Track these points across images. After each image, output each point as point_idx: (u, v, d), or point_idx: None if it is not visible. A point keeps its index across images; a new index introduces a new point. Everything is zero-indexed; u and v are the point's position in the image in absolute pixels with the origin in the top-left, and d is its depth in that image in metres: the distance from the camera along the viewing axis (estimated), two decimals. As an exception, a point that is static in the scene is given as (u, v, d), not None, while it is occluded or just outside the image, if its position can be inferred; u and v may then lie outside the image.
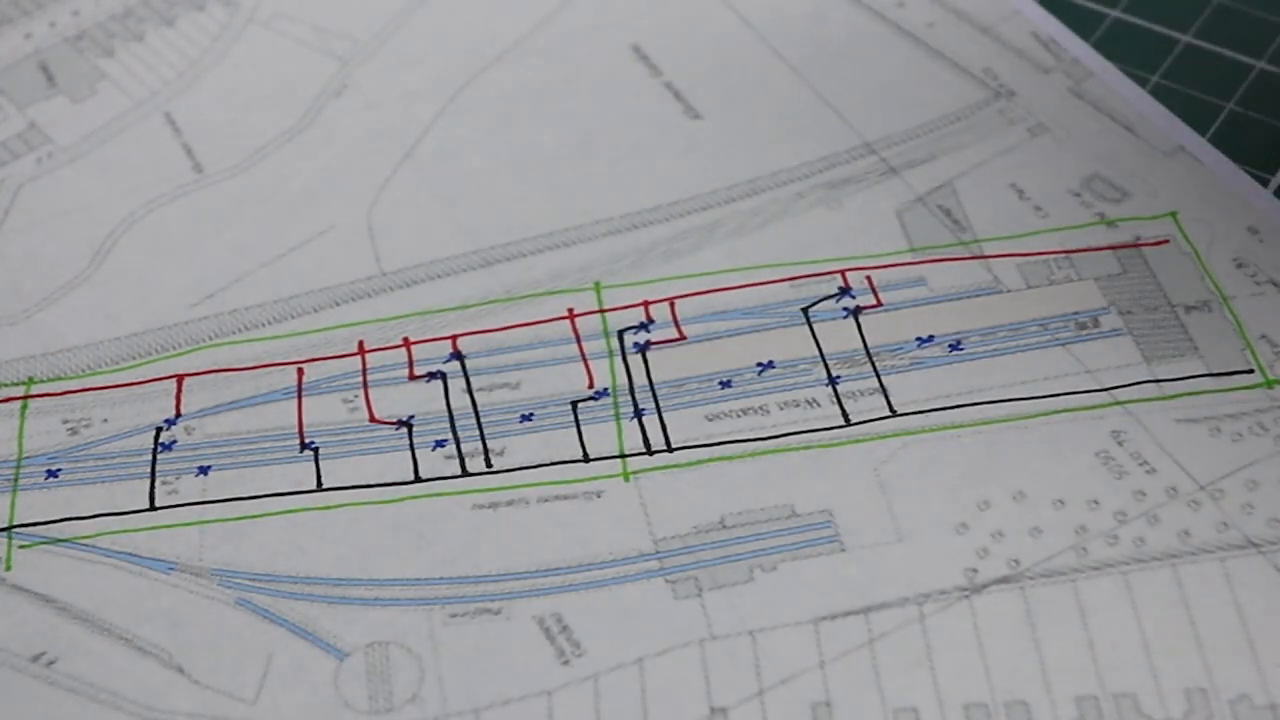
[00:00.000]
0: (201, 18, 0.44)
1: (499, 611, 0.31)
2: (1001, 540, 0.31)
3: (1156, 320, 0.35)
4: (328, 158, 0.40)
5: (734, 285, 0.36)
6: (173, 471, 0.34)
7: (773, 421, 0.34)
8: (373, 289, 0.37)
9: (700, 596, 0.31)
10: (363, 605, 0.31)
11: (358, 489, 0.33)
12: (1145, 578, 0.31)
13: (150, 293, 0.37)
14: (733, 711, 0.29)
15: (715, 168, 0.39)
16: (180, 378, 0.35)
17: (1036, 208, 0.37)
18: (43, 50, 0.43)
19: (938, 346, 0.35)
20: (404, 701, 0.30)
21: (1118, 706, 0.29)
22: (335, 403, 0.35)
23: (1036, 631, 0.30)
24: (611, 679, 0.30)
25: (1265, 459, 0.32)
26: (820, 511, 0.32)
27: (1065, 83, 0.40)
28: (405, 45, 0.42)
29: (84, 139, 0.41)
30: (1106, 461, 0.32)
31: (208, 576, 0.32)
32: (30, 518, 0.33)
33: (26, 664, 0.31)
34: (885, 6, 0.42)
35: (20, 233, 0.39)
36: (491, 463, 0.33)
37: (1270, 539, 0.31)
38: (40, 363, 0.36)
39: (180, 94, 0.42)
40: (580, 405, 0.34)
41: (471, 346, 0.35)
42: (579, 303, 0.36)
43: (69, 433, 0.34)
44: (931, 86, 0.40)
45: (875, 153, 0.39)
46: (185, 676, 0.30)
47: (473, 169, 0.39)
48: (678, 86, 0.41)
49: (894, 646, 0.30)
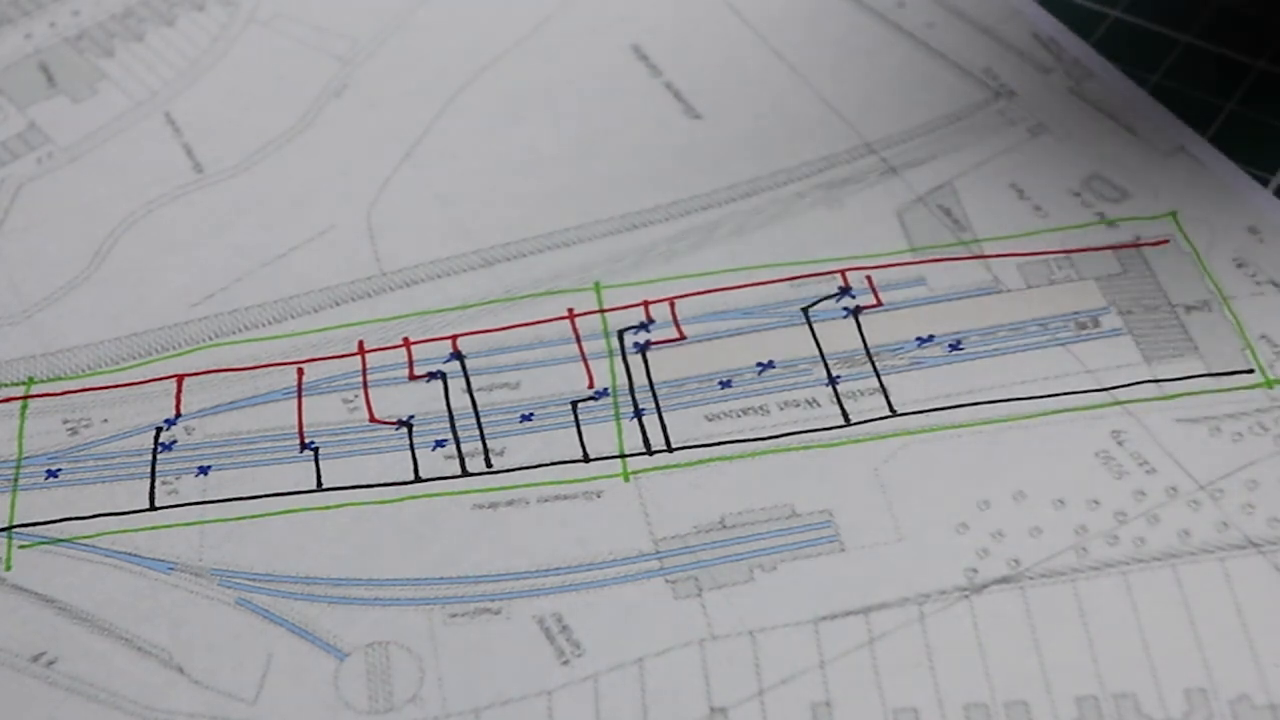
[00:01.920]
0: (201, 18, 0.44)
1: (499, 611, 0.31)
2: (1001, 540, 0.31)
3: (1156, 320, 0.35)
4: (328, 158, 0.40)
5: (734, 285, 0.36)
6: (173, 471, 0.34)
7: (773, 421, 0.34)
8: (373, 289, 0.37)
9: (700, 596, 0.31)
10: (363, 605, 0.31)
11: (358, 489, 0.33)
12: (1145, 578, 0.31)
13: (150, 293, 0.37)
14: (733, 711, 0.29)
15: (715, 168, 0.39)
16: (180, 378, 0.35)
17: (1036, 208, 0.37)
18: (43, 50, 0.43)
19: (938, 346, 0.35)
20: (404, 701, 0.30)
21: (1118, 706, 0.29)
22: (335, 403, 0.35)
23: (1036, 631, 0.30)
24: (611, 679, 0.30)
25: (1265, 459, 0.32)
26: (820, 511, 0.32)
27: (1065, 83, 0.40)
28: (405, 45, 0.42)
29: (84, 139, 0.41)
30: (1106, 461, 0.32)
31: (208, 576, 0.32)
32: (30, 518, 0.33)
33: (26, 664, 0.31)
34: (885, 6, 0.42)
35: (20, 233, 0.39)
36: (491, 463, 0.33)
37: (1270, 539, 0.31)
38: (40, 363, 0.36)
39: (180, 94, 0.42)
40: (580, 405, 0.34)
41: (471, 346, 0.35)
42: (579, 303, 0.36)
43: (69, 433, 0.34)
44: (931, 86, 0.40)
45: (875, 153, 0.39)
46: (185, 676, 0.30)
47: (473, 169, 0.39)
48: (678, 86, 0.41)
49: (894, 646, 0.30)
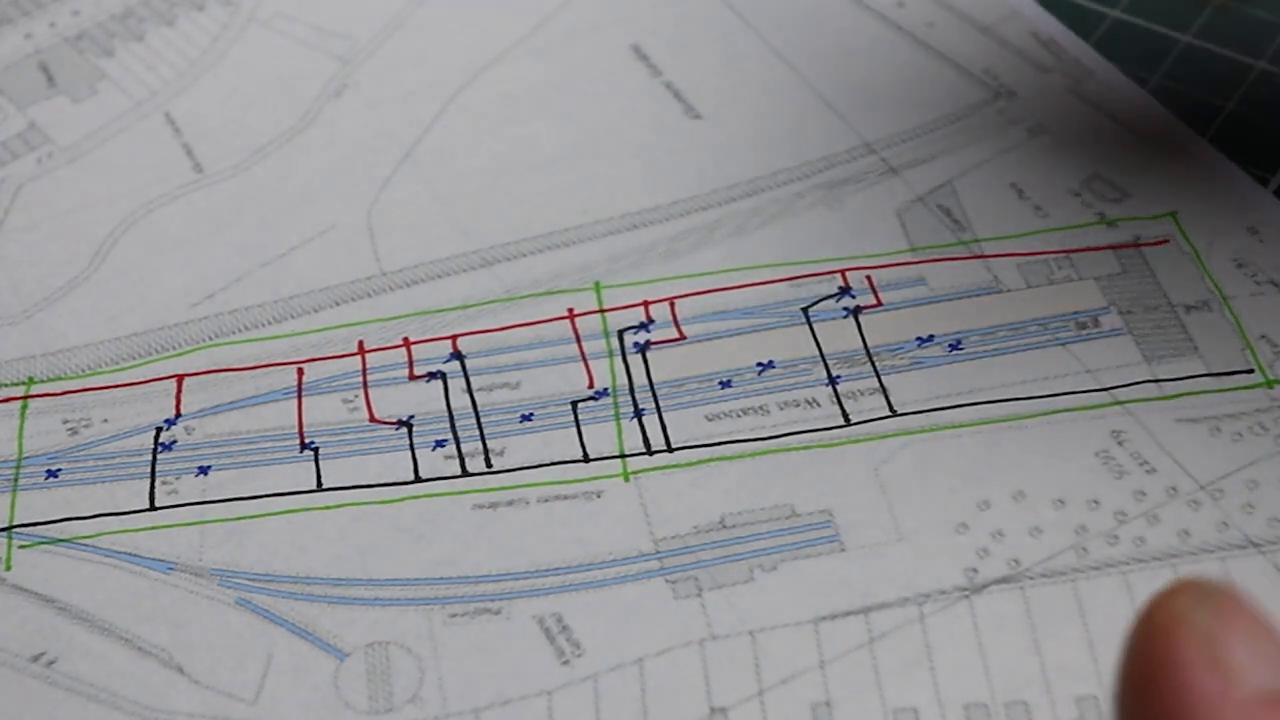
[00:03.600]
0: (201, 18, 0.44)
1: (499, 611, 0.31)
2: (1001, 540, 0.31)
3: (1156, 320, 0.35)
4: (328, 158, 0.40)
5: (734, 285, 0.36)
6: (173, 471, 0.34)
7: (773, 421, 0.34)
8: (373, 289, 0.37)
9: (700, 596, 0.31)
10: (363, 605, 0.31)
11: (358, 489, 0.33)
12: (1145, 578, 0.31)
13: (150, 293, 0.37)
14: (733, 711, 0.29)
15: (715, 168, 0.39)
16: (180, 378, 0.35)
17: (1036, 207, 0.37)
18: (43, 50, 0.43)
19: (938, 346, 0.35)
20: (404, 701, 0.30)
21: (1118, 706, 0.29)
22: (335, 403, 0.35)
23: (1036, 631, 0.30)
24: (611, 679, 0.30)
25: (1265, 459, 0.32)
26: (820, 511, 0.32)
27: (1065, 83, 0.40)
28: (405, 45, 0.42)
29: (84, 139, 0.41)
30: (1106, 461, 0.32)
31: (208, 576, 0.32)
32: (30, 518, 0.33)
33: (26, 664, 0.31)
34: (885, 6, 0.42)
35: (20, 233, 0.38)
36: (491, 463, 0.33)
37: (1270, 539, 0.31)
38: (40, 363, 0.36)
39: (180, 94, 0.42)
40: (580, 405, 0.34)
41: (471, 346, 0.35)
42: (579, 303, 0.36)
43: (69, 433, 0.34)
44: (931, 86, 0.40)
45: (875, 153, 0.39)
46: (185, 676, 0.30)
47: (473, 169, 0.39)
48: (678, 86, 0.41)
49: (894, 646, 0.30)
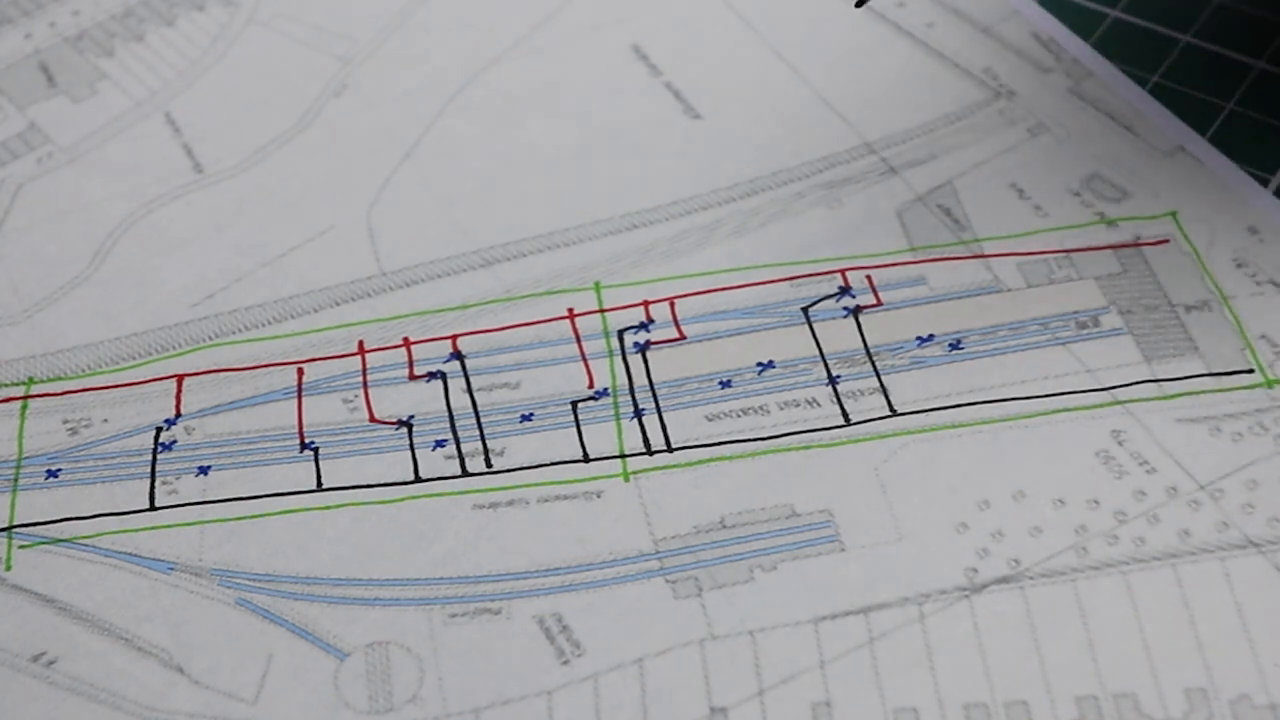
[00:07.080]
0: (201, 18, 0.44)
1: (499, 611, 0.31)
2: (1001, 540, 0.31)
3: (1156, 320, 0.35)
4: (328, 158, 0.40)
5: (734, 285, 0.36)
6: (173, 471, 0.34)
7: (773, 421, 0.34)
8: (373, 289, 0.37)
9: (700, 596, 0.31)
10: (363, 605, 0.31)
11: (358, 489, 0.33)
12: (1145, 578, 0.31)
13: (150, 293, 0.37)
14: (733, 711, 0.29)
15: (715, 168, 0.39)
16: (180, 378, 0.35)
17: (1036, 207, 0.37)
18: (43, 50, 0.43)
19: (938, 346, 0.35)
20: (404, 701, 0.30)
21: (1118, 706, 0.29)
22: (335, 403, 0.35)
23: (1036, 631, 0.30)
24: (611, 679, 0.30)
25: (1265, 459, 0.32)
26: (820, 511, 0.32)
27: (1065, 83, 0.40)
28: (405, 45, 0.42)
29: (84, 139, 0.41)
30: (1106, 461, 0.32)
31: (208, 576, 0.32)
32: (30, 518, 0.33)
33: (26, 664, 0.31)
34: (885, 6, 0.42)
35: (20, 233, 0.39)
36: (491, 463, 0.33)
37: (1270, 539, 0.31)
38: (40, 363, 0.36)
39: (180, 94, 0.42)
40: (580, 405, 0.34)
41: (471, 346, 0.35)
42: (579, 303, 0.36)
43: (69, 433, 0.34)
44: (931, 86, 0.40)
45: (875, 153, 0.39)
46: (185, 676, 0.30)
47: (473, 169, 0.39)
48: (678, 86, 0.41)
49: (894, 646, 0.30)
